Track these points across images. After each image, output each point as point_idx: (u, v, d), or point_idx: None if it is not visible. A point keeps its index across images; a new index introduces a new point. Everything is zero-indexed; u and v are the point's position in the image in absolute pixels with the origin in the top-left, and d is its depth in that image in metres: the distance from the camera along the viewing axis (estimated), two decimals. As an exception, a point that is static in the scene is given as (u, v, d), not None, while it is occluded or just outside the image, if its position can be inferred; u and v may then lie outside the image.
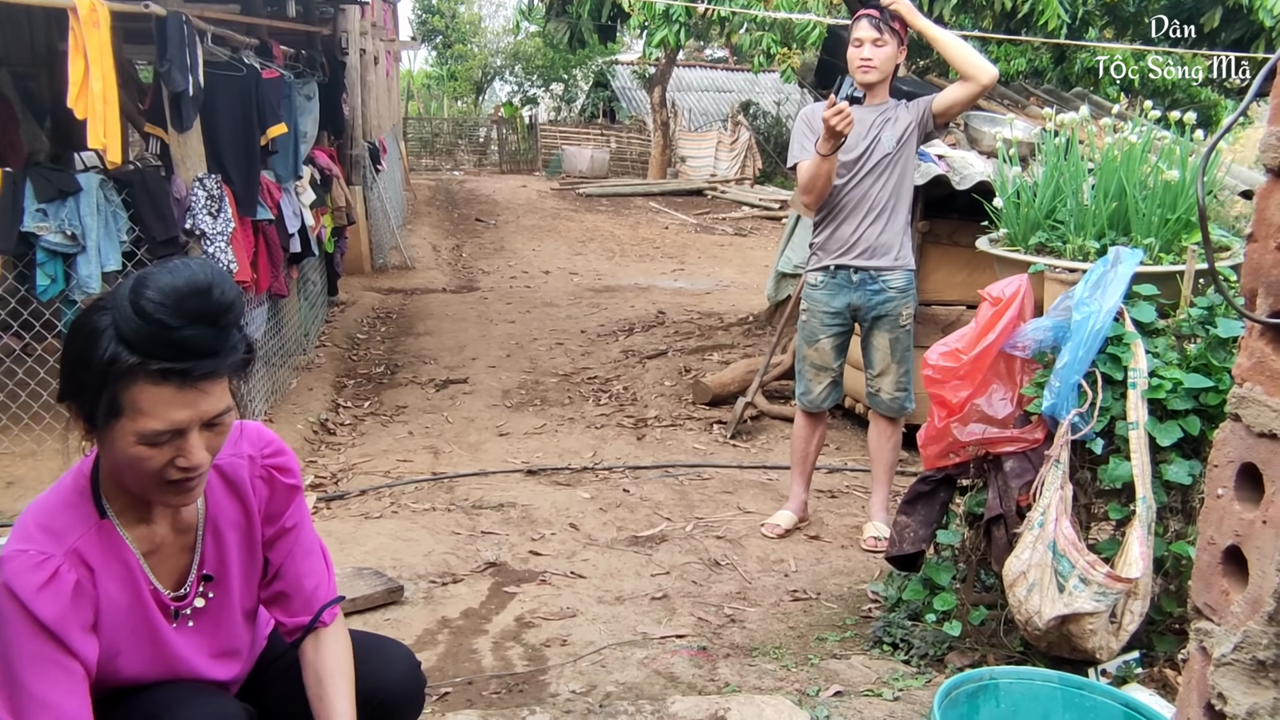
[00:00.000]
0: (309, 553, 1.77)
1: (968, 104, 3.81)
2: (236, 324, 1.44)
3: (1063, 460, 2.62)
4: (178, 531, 1.63)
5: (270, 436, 1.73)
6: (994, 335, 2.78)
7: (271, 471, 1.70)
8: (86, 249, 4.50)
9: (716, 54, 29.41)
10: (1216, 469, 1.05)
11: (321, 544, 1.84)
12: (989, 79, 3.64)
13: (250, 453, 1.69)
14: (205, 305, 1.39)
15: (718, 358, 7.13)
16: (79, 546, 1.49)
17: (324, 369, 6.80)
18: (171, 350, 1.37)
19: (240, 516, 1.68)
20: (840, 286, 3.96)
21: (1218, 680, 1.01)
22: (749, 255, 13.17)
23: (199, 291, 1.39)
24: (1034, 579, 2.59)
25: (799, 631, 3.27)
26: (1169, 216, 2.90)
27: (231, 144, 5.08)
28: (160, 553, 1.61)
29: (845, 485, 4.90)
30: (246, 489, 1.68)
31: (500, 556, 3.86)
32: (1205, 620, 1.04)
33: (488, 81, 32.48)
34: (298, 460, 1.79)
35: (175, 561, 1.63)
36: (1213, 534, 1.03)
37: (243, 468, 1.68)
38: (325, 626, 1.74)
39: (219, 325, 1.41)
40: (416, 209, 16.27)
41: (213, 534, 1.66)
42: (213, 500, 1.66)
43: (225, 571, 1.67)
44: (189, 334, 1.38)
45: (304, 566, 1.75)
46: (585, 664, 3.01)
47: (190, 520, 1.64)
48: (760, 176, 21.63)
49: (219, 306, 1.40)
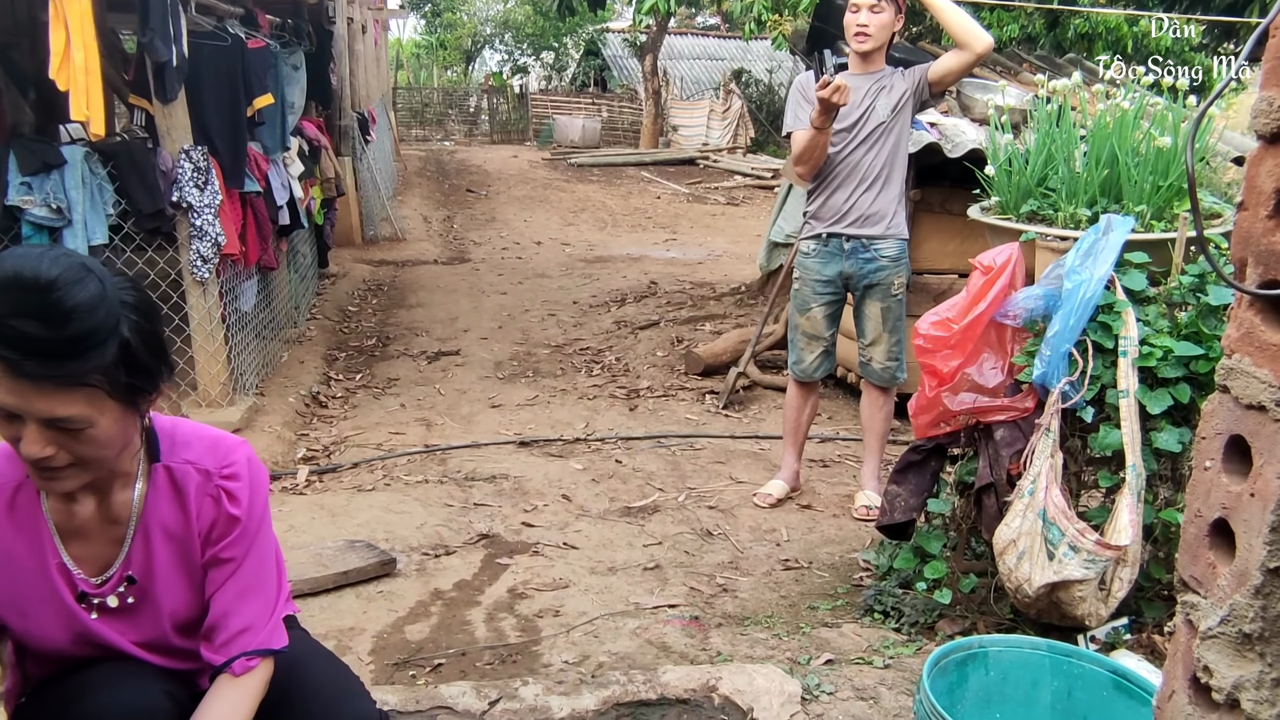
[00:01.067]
0: (247, 592, 1.64)
1: (963, 73, 3.77)
2: (88, 334, 1.35)
3: (1053, 429, 2.62)
4: (105, 521, 1.59)
5: (237, 458, 1.64)
6: (985, 304, 2.77)
7: (221, 494, 1.61)
8: (73, 222, 4.46)
9: (708, 21, 29.14)
10: (1204, 441, 1.05)
11: (280, 584, 1.71)
12: (984, 48, 3.60)
13: (208, 467, 1.61)
14: (32, 302, 1.32)
15: (710, 328, 7.12)
16: None
17: (315, 342, 6.78)
18: (1, 335, 1.32)
19: (179, 526, 1.61)
20: (832, 255, 3.95)
21: (1204, 653, 1.01)
22: (741, 225, 13.13)
23: (28, 285, 1.32)
24: (1024, 547, 2.60)
25: (790, 600, 3.28)
26: (1161, 183, 2.89)
27: (217, 115, 5.02)
28: (84, 536, 1.58)
29: (837, 454, 4.91)
30: (190, 501, 1.60)
31: (493, 528, 3.86)
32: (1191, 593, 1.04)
33: (477, 50, 32.19)
34: (264, 489, 1.66)
35: (101, 550, 1.60)
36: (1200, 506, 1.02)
37: (193, 479, 1.61)
38: (232, 675, 1.61)
39: (52, 327, 1.33)
40: (407, 180, 16.17)
41: (143, 536, 1.60)
42: (152, 502, 1.60)
43: (151, 577, 1.61)
44: (13, 326, 1.31)
45: (236, 604, 1.62)
46: (578, 634, 3.02)
47: (121, 515, 1.59)
48: (752, 145, 21.52)
49: (52, 308, 1.33)
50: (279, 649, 1.67)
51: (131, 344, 1.41)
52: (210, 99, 4.97)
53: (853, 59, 3.87)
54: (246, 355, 5.38)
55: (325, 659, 1.84)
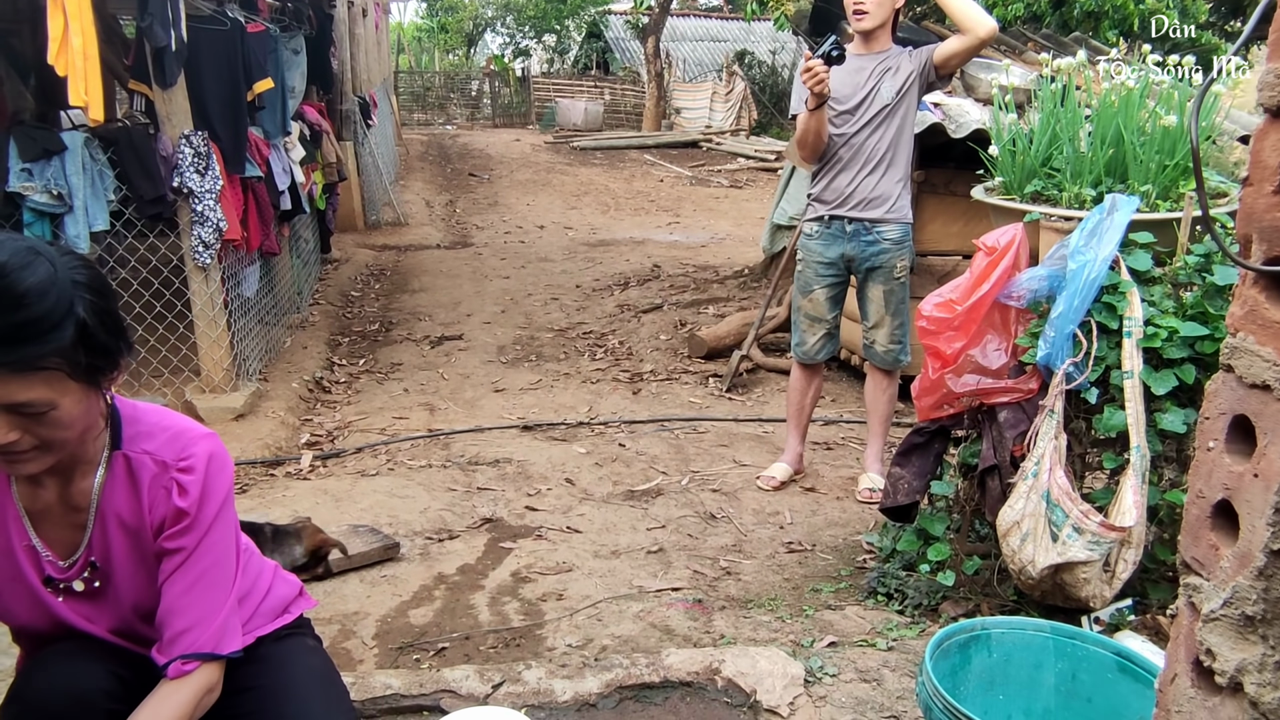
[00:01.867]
0: (194, 589, 1.57)
1: (967, 56, 3.72)
2: (42, 317, 1.33)
3: (1057, 410, 2.61)
4: (67, 507, 1.58)
5: (195, 451, 1.59)
6: (989, 285, 2.75)
7: (175, 485, 1.57)
8: (74, 209, 4.45)
9: (711, 3, 28.98)
10: (1207, 421, 1.03)
11: (235, 586, 1.64)
12: (987, 32, 3.56)
13: (165, 458, 1.58)
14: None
15: (713, 311, 7.11)
16: None
17: (318, 327, 6.78)
18: None
19: (133, 515, 1.59)
20: (835, 237, 3.93)
21: (1206, 636, 1.00)
22: (744, 207, 13.08)
23: None
24: (1028, 529, 2.59)
25: (794, 583, 3.28)
26: (1167, 163, 2.87)
27: (218, 100, 5.00)
28: (49, 519, 1.58)
29: (841, 437, 4.90)
30: (144, 492, 1.58)
31: (496, 512, 3.87)
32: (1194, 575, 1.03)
33: (479, 34, 32.06)
34: (223, 485, 1.61)
35: (65, 535, 1.60)
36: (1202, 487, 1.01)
37: (149, 470, 1.58)
38: (168, 679, 1.55)
39: (4, 311, 1.31)
40: (409, 164, 16.13)
41: (101, 524, 1.59)
42: (109, 491, 1.58)
43: (110, 565, 1.61)
44: None
45: (180, 602, 1.56)
46: (581, 618, 3.02)
47: (81, 502, 1.58)
48: (756, 127, 21.43)
49: (2, 293, 1.31)
50: (225, 654, 1.59)
51: (88, 324, 1.39)
52: (210, 84, 4.95)
53: (856, 39, 3.84)
54: (249, 341, 5.37)
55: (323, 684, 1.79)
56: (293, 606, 1.89)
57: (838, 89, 3.77)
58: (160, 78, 4.53)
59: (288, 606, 1.88)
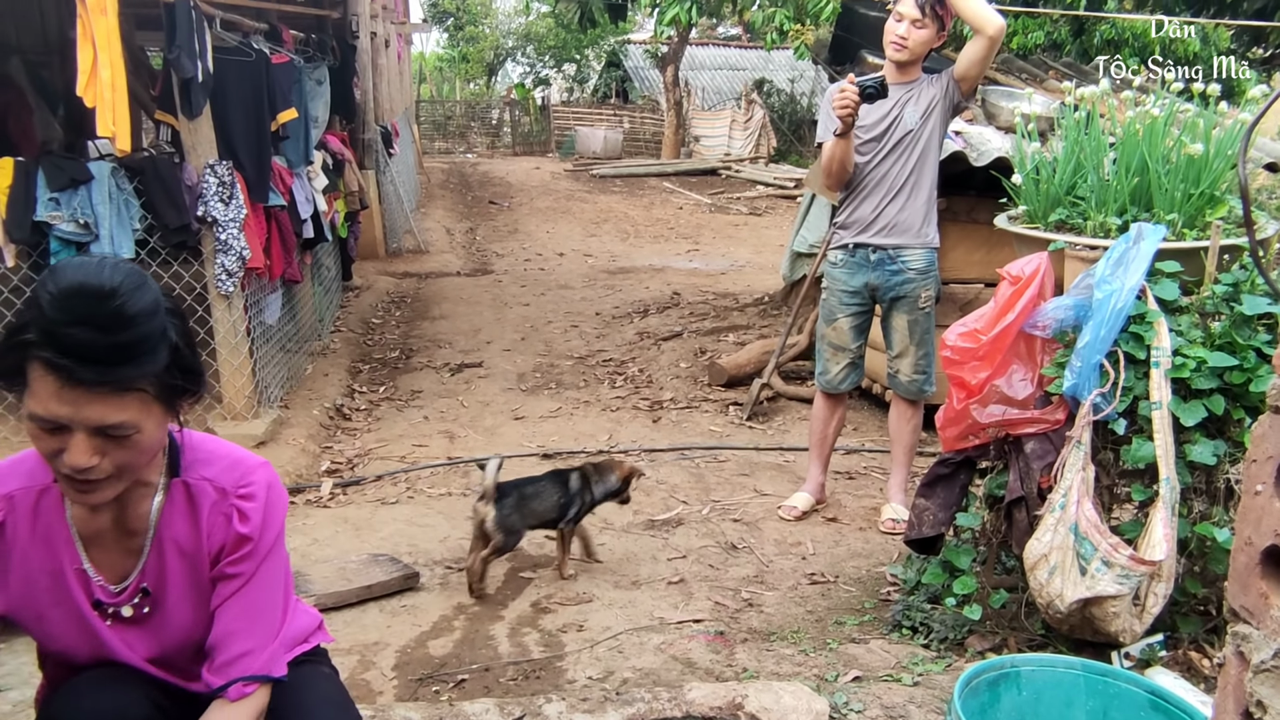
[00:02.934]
0: (250, 614, 1.61)
1: (985, 61, 3.69)
2: (145, 339, 1.38)
3: (1084, 441, 2.58)
4: (122, 532, 1.58)
5: (255, 478, 1.62)
6: (1014, 315, 2.73)
7: (235, 512, 1.59)
8: (100, 237, 4.49)
9: (729, 32, 29.16)
10: (1255, 464, 1.01)
11: (285, 610, 1.68)
12: (994, 30, 3.56)
13: (225, 485, 1.60)
14: (94, 310, 1.34)
15: (733, 339, 7.09)
16: (15, 495, 1.53)
17: (339, 354, 6.80)
18: (56, 344, 1.34)
19: (191, 542, 1.60)
20: (859, 265, 3.91)
21: (1256, 687, 0.97)
22: (764, 235, 13.09)
23: (90, 294, 1.35)
24: (1055, 562, 2.55)
25: (817, 615, 3.24)
26: (1192, 191, 2.84)
27: (242, 130, 5.05)
28: (103, 544, 1.59)
29: (863, 466, 4.86)
30: (203, 518, 1.59)
31: (516, 542, 3.84)
32: (1243, 623, 1.00)
33: (500, 63, 32.38)
34: (279, 512, 1.65)
35: (118, 560, 1.60)
36: (1250, 533, 0.98)
37: (209, 497, 1.60)
38: (227, 701, 1.59)
39: (112, 333, 1.35)
40: (430, 192, 16.25)
41: (158, 549, 1.59)
42: (167, 517, 1.59)
43: (164, 589, 1.61)
44: (73, 334, 1.33)
45: (238, 625, 1.60)
46: (602, 650, 3.00)
47: (138, 527, 1.59)
48: (775, 155, 21.49)
49: (114, 315, 1.35)
50: (277, 677, 1.64)
51: (180, 347, 1.45)
52: (235, 114, 5.00)
53: (888, 66, 3.83)
54: (271, 368, 5.39)
55: (338, 709, 1.79)
56: (312, 637, 1.89)
57: (863, 117, 3.77)
58: (186, 108, 4.58)
59: (308, 637, 1.88)
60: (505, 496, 3.41)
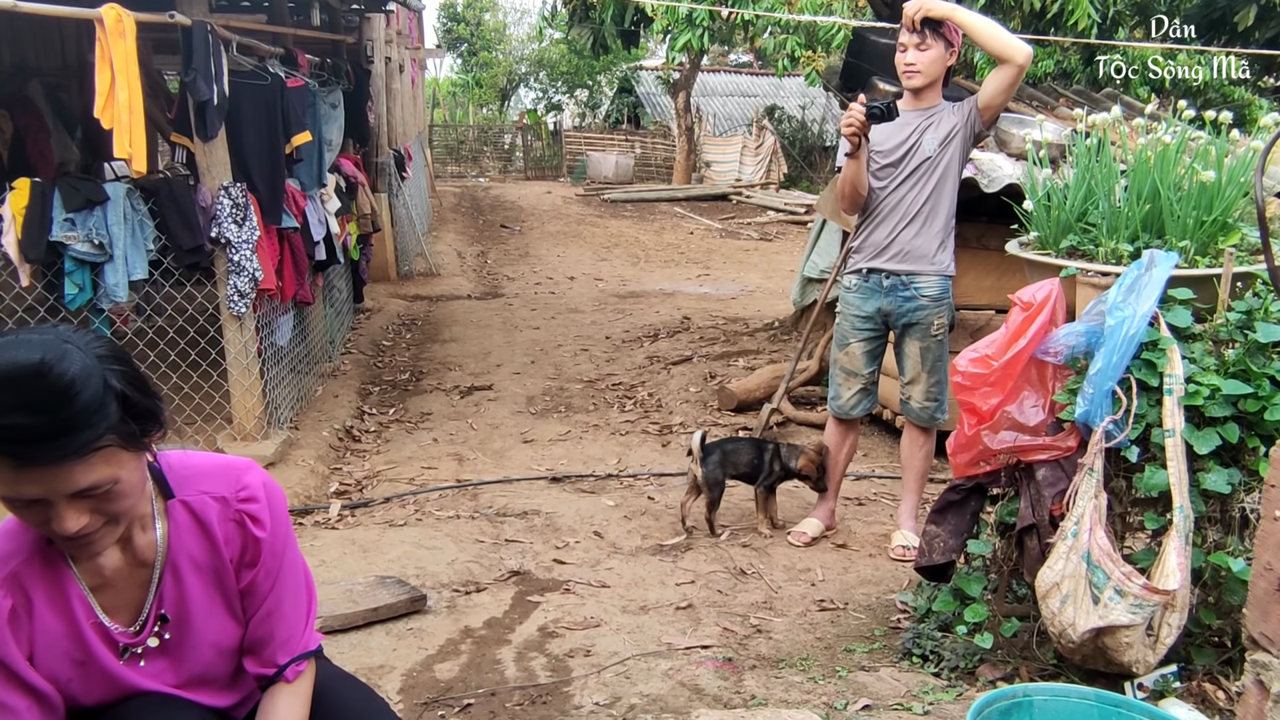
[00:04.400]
0: (284, 603, 1.69)
1: (1010, 89, 3.66)
2: (88, 404, 1.33)
3: (1097, 468, 2.56)
4: (133, 565, 1.58)
5: (249, 480, 1.64)
6: (1025, 341, 2.72)
7: (244, 517, 1.62)
8: (114, 258, 4.52)
9: (740, 58, 29.33)
10: (1274, 489, 1.00)
11: (309, 587, 1.76)
12: (1024, 58, 3.54)
13: (224, 494, 1.62)
14: (26, 394, 1.29)
15: (743, 364, 7.08)
16: (19, 572, 1.49)
17: (349, 376, 6.82)
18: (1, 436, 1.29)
19: (207, 556, 1.62)
20: (872, 291, 3.91)
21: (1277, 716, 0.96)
22: (774, 260, 13.10)
23: (16, 379, 1.29)
24: (1068, 590, 2.53)
25: (826, 642, 3.22)
26: (1204, 219, 2.83)
27: (257, 152, 5.10)
28: (113, 587, 1.57)
29: (873, 493, 4.83)
30: (215, 531, 1.61)
31: (524, 565, 3.83)
32: (1262, 651, 0.98)
33: (512, 88, 32.59)
34: (281, 503, 1.69)
35: (130, 596, 1.59)
36: (1270, 559, 0.97)
37: (212, 509, 1.61)
38: (286, 683, 1.69)
39: (53, 411, 1.30)
40: (442, 216, 16.33)
41: (172, 572, 1.60)
42: (176, 538, 1.60)
43: (186, 610, 1.62)
44: (14, 422, 1.28)
45: (277, 615, 1.68)
46: (609, 675, 2.97)
47: (148, 556, 1.58)
48: (785, 181, 21.55)
49: (49, 392, 1.30)
50: (317, 648, 1.75)
51: (127, 394, 1.40)
52: (250, 137, 5.05)
53: (906, 96, 3.84)
54: (281, 389, 5.41)
55: (351, 683, 1.85)
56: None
57: (882, 142, 3.78)
58: (202, 131, 4.62)
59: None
60: (709, 455, 4.18)
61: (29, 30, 7.49)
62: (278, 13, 6.73)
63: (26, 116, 7.08)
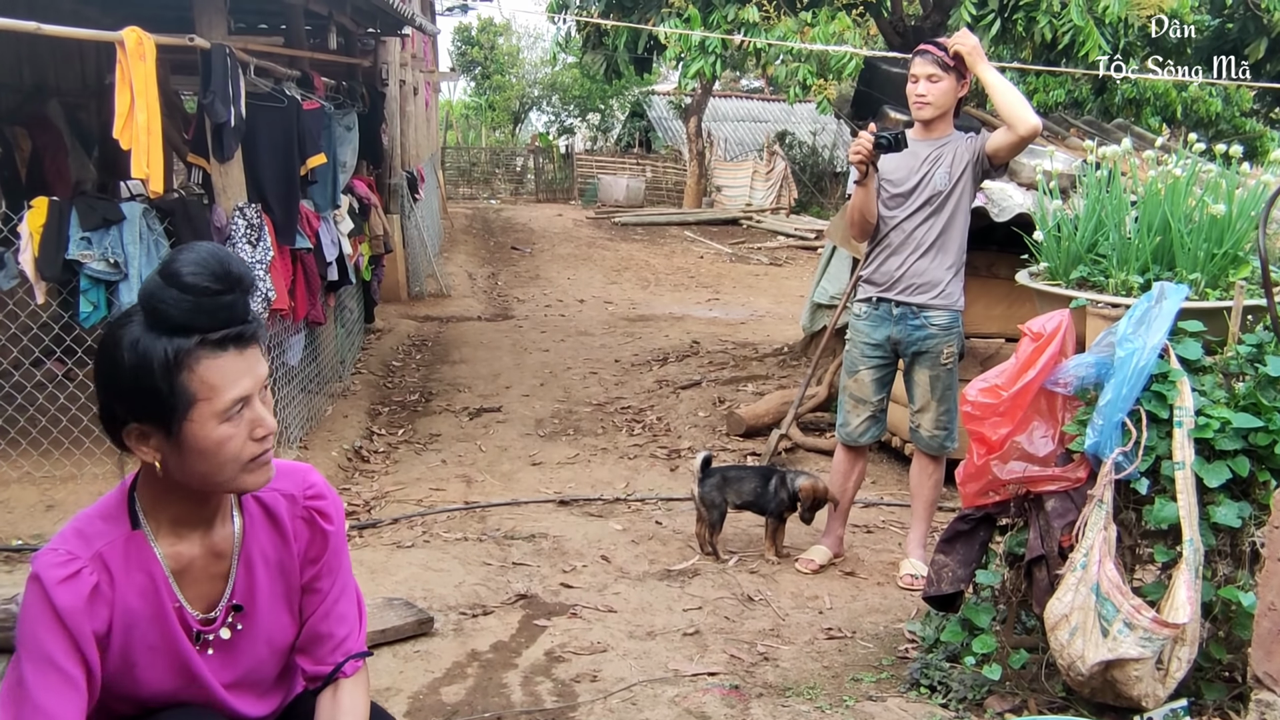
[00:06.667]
0: (344, 599, 1.76)
1: (1013, 152, 3.71)
2: (251, 289, 1.51)
3: (1106, 500, 2.55)
4: (211, 556, 1.63)
5: (315, 479, 1.73)
6: (1035, 371, 2.72)
7: (313, 514, 1.70)
8: (129, 276, 4.55)
9: (752, 84, 29.50)
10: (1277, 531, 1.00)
11: (357, 590, 1.82)
12: (1028, 130, 3.56)
13: (292, 491, 1.69)
14: (231, 272, 1.45)
15: (752, 389, 7.08)
16: (104, 552, 1.54)
17: (359, 396, 6.84)
18: (222, 316, 1.44)
19: (277, 551, 1.68)
20: (882, 319, 3.92)
21: (1282, 754, 0.96)
22: (784, 285, 13.12)
23: (224, 260, 1.45)
24: (1077, 622, 2.52)
25: (834, 671, 3.20)
26: (1215, 251, 2.84)
27: (272, 174, 5.14)
28: (191, 574, 1.62)
29: (881, 520, 4.82)
30: (286, 526, 1.68)
31: (531, 588, 3.83)
32: (1267, 691, 0.98)
33: (525, 111, 32.78)
34: (341, 505, 1.78)
35: (206, 586, 1.63)
36: (1274, 599, 0.97)
37: (282, 505, 1.68)
38: (346, 678, 1.73)
39: (245, 291, 1.47)
40: (453, 237, 16.41)
41: (245, 564, 1.65)
42: (250, 531, 1.66)
43: (254, 603, 1.67)
44: (229, 299, 1.44)
45: (336, 613, 1.74)
46: (615, 701, 2.97)
47: (225, 547, 1.64)
48: (796, 206, 21.60)
49: (241, 273, 1.47)
50: (369, 651, 1.81)
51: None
52: (266, 158, 5.09)
53: (917, 125, 3.87)
54: (291, 409, 5.43)
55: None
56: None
57: (893, 172, 3.80)
58: (218, 151, 4.67)
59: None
60: (709, 477, 4.19)
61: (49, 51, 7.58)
62: (295, 36, 6.81)
63: (45, 135, 7.14)
